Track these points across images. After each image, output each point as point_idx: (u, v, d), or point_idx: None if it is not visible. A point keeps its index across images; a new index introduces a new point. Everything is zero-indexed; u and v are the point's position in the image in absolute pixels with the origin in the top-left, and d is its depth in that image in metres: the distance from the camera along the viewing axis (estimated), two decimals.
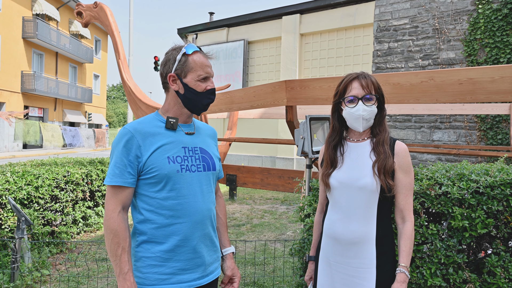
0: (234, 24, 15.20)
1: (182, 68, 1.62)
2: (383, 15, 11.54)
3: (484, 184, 2.28)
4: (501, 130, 9.57)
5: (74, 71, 30.49)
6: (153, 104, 7.17)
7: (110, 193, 1.55)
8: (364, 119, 1.67)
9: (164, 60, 1.67)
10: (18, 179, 4.41)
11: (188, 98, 1.64)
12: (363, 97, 1.66)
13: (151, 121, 1.64)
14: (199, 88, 1.63)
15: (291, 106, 4.68)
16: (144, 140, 1.56)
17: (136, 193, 1.60)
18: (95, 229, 5.79)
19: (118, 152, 1.55)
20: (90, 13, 7.50)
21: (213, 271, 1.71)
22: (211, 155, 1.73)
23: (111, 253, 1.51)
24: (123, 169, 1.53)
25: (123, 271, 1.49)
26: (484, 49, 9.85)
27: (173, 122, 1.63)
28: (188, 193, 1.59)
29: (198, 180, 1.64)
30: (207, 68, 1.65)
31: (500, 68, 3.07)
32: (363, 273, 1.63)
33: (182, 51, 1.63)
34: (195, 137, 1.71)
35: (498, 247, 2.29)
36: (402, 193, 1.68)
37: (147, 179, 1.56)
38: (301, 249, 2.85)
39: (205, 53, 1.69)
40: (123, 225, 1.52)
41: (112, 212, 1.52)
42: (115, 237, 1.50)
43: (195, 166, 1.64)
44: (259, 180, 8.28)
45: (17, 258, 3.64)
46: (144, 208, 1.58)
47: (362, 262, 1.64)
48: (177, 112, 1.68)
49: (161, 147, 1.57)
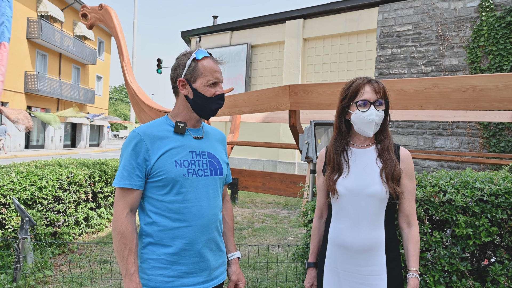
0: (238, 28, 15.24)
1: (192, 73, 1.63)
2: (386, 21, 11.57)
3: (489, 192, 2.28)
4: (504, 137, 9.57)
5: (77, 72, 30.59)
6: (155, 106, 7.18)
7: (119, 195, 1.57)
8: (376, 124, 1.66)
9: (175, 65, 1.68)
10: (22, 179, 4.42)
11: (197, 102, 1.65)
12: (376, 102, 1.65)
13: (160, 125, 1.65)
14: (208, 93, 1.64)
15: (294, 111, 4.69)
16: (152, 143, 1.58)
17: (144, 196, 1.62)
18: (97, 230, 5.79)
19: (127, 155, 1.57)
20: (95, 15, 7.54)
21: (218, 275, 1.71)
22: (219, 159, 1.74)
23: (118, 254, 1.53)
24: (131, 172, 1.55)
25: (130, 272, 1.51)
26: (487, 56, 9.87)
27: (182, 127, 1.64)
28: (194, 197, 1.60)
29: (205, 185, 1.65)
30: (216, 73, 1.65)
31: (504, 76, 3.07)
32: (374, 280, 1.63)
33: (192, 56, 1.64)
34: (203, 142, 1.71)
35: (502, 255, 2.29)
36: (408, 199, 1.69)
37: (155, 182, 1.58)
38: (304, 254, 2.84)
39: (215, 59, 1.70)
40: (131, 227, 1.54)
41: (120, 213, 1.54)
42: (122, 238, 1.52)
43: (202, 171, 1.64)
44: (261, 184, 8.29)
45: (20, 259, 3.64)
46: (151, 210, 1.60)
47: (372, 269, 1.63)
48: (186, 116, 1.70)
49: (168, 151, 1.59)
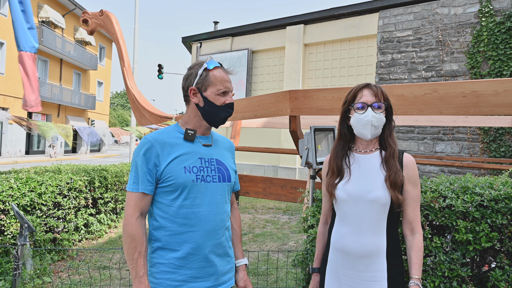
0: (239, 33, 15.30)
1: (203, 82, 1.69)
2: (386, 26, 11.60)
3: (489, 197, 2.27)
4: (504, 142, 9.56)
5: (78, 78, 30.68)
6: (156, 112, 7.18)
7: (130, 199, 1.61)
8: (373, 126, 1.66)
9: (186, 74, 1.74)
10: (21, 185, 4.42)
11: (207, 111, 1.70)
12: (373, 104, 1.66)
13: (170, 132, 1.70)
14: (218, 102, 1.69)
15: (295, 116, 4.68)
16: (162, 149, 1.62)
17: (153, 201, 1.66)
18: (97, 236, 5.78)
19: (139, 161, 1.61)
20: (96, 21, 7.56)
21: (226, 281, 1.73)
22: (227, 167, 1.78)
23: (128, 257, 1.57)
24: (142, 177, 1.60)
25: (139, 275, 1.54)
26: (487, 62, 9.89)
27: (191, 134, 1.69)
28: (202, 203, 1.64)
29: (213, 191, 1.68)
30: (226, 83, 1.71)
31: (504, 81, 3.07)
32: (374, 286, 1.62)
33: (204, 66, 1.69)
34: (212, 149, 1.76)
35: (502, 261, 2.27)
36: (411, 205, 1.68)
37: (164, 187, 1.62)
38: (304, 260, 2.84)
39: (226, 69, 1.75)
40: (141, 230, 1.58)
41: (131, 217, 1.58)
42: (132, 242, 1.56)
43: (211, 177, 1.69)
44: (262, 189, 8.26)
45: (19, 265, 3.63)
46: (159, 215, 1.63)
47: (373, 275, 1.63)
48: (196, 124, 1.74)
49: (178, 157, 1.63)
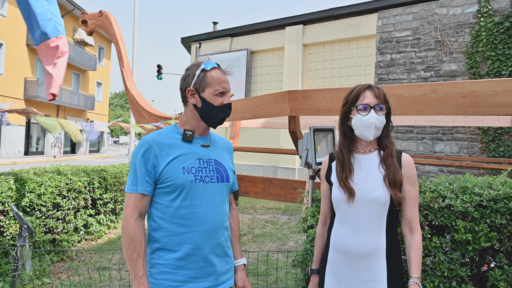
0: (238, 34, 15.30)
1: (201, 83, 1.69)
2: (385, 26, 11.62)
3: (488, 197, 2.27)
4: (503, 142, 9.57)
5: (77, 79, 30.65)
6: (155, 112, 7.19)
7: (129, 200, 1.61)
8: (376, 128, 1.68)
9: (184, 75, 1.74)
10: (21, 186, 4.41)
11: (205, 111, 1.70)
12: (376, 106, 1.67)
13: (169, 132, 1.70)
14: (216, 102, 1.69)
15: (294, 116, 4.69)
16: (161, 150, 1.62)
17: (151, 202, 1.66)
18: (96, 237, 5.77)
19: (137, 162, 1.61)
20: (95, 22, 7.56)
21: (225, 281, 1.73)
22: (225, 167, 1.78)
23: (127, 258, 1.57)
24: (141, 178, 1.60)
25: (138, 276, 1.55)
26: (486, 62, 9.90)
27: (190, 134, 1.70)
28: (200, 203, 1.64)
29: (211, 191, 1.69)
30: (224, 83, 1.71)
31: (503, 81, 3.08)
32: (374, 286, 1.62)
33: (201, 67, 1.70)
34: (210, 150, 1.76)
35: (502, 260, 2.28)
36: (410, 205, 1.69)
37: (163, 188, 1.62)
38: (304, 261, 2.84)
39: (223, 70, 1.76)
40: (140, 231, 1.58)
41: (130, 218, 1.58)
42: (131, 243, 1.56)
43: (209, 177, 1.69)
44: (261, 189, 8.26)
45: (18, 266, 3.62)
46: (158, 216, 1.63)
47: (372, 275, 1.63)
48: (194, 125, 1.74)
49: (176, 157, 1.63)
